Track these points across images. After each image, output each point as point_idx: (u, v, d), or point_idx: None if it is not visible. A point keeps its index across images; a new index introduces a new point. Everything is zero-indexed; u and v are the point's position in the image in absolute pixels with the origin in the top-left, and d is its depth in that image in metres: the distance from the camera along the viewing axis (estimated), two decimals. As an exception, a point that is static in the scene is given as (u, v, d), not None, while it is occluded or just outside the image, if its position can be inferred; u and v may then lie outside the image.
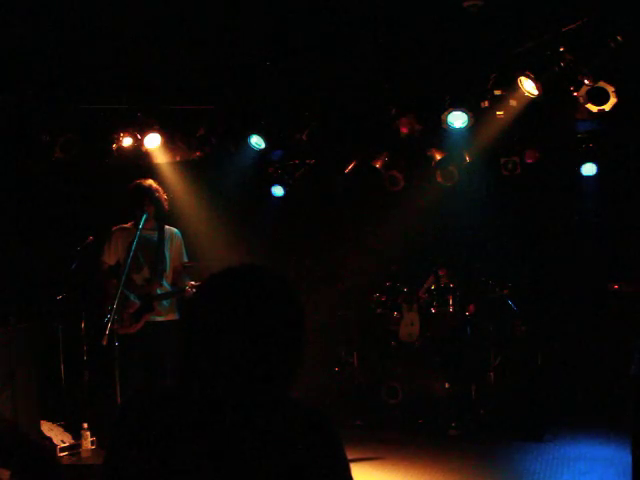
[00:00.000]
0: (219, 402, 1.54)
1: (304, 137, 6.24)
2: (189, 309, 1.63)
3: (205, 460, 1.49)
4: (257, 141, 6.31)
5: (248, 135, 6.30)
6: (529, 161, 6.76)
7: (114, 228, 5.37)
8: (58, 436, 5.69)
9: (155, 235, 5.30)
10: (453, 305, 6.42)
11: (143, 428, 1.56)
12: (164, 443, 1.53)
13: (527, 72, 4.99)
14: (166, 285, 5.29)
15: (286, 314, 1.59)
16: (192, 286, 5.16)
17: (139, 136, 6.37)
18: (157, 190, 5.29)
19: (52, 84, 5.67)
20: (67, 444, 5.64)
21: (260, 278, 1.61)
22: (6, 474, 1.97)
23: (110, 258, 5.30)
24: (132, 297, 5.15)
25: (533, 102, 5.17)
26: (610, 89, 4.76)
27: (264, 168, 7.57)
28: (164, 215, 5.37)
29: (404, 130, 6.04)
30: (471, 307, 6.60)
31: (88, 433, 5.57)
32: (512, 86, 5.19)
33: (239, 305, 1.56)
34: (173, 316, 5.30)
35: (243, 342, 1.53)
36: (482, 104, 5.56)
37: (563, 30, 4.72)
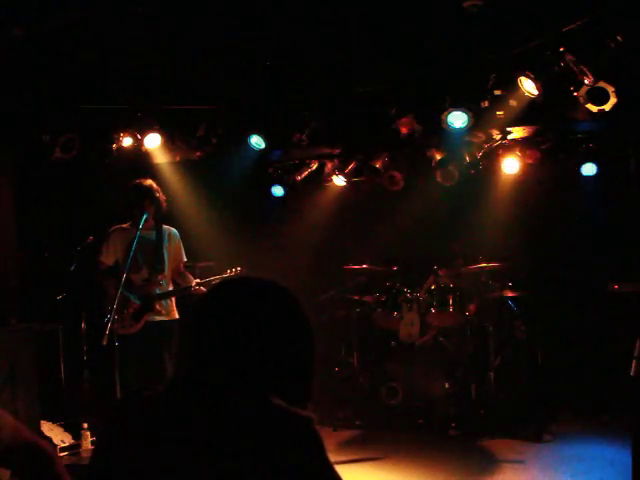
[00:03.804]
0: (207, 406, 1.56)
1: (304, 137, 6.24)
2: (193, 313, 1.67)
3: (190, 464, 1.51)
4: (257, 141, 6.31)
5: (248, 135, 6.30)
6: (529, 161, 6.77)
7: (111, 228, 5.38)
8: (58, 436, 5.69)
9: (153, 235, 5.31)
10: (453, 305, 6.41)
11: (130, 431, 1.58)
12: (150, 446, 1.55)
13: (527, 72, 4.99)
14: (165, 285, 5.30)
15: (292, 329, 1.65)
16: (198, 284, 5.18)
17: (139, 136, 6.37)
18: (157, 190, 5.31)
19: (52, 84, 5.66)
20: (67, 444, 5.65)
21: (269, 291, 1.66)
22: (6, 474, 1.97)
23: (108, 258, 5.31)
24: (132, 297, 5.15)
25: (533, 102, 5.17)
26: (610, 89, 4.76)
27: (264, 168, 7.58)
28: (162, 215, 5.39)
29: (404, 130, 6.04)
30: (471, 307, 6.60)
31: (88, 433, 5.58)
32: (512, 86, 5.19)
33: (244, 315, 1.60)
34: (173, 316, 5.31)
35: (242, 349, 1.58)
36: (482, 104, 5.56)
37: (563, 30, 4.72)
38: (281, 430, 1.52)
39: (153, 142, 6.40)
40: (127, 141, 6.41)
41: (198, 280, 5.28)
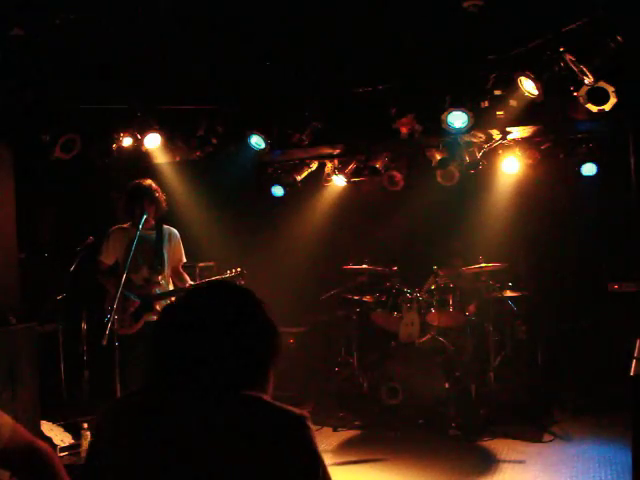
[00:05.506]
0: (194, 406, 1.57)
1: (304, 137, 6.24)
2: (166, 317, 1.70)
3: (179, 464, 1.52)
4: (257, 141, 6.31)
5: (248, 135, 6.30)
6: (529, 161, 6.77)
7: (112, 228, 5.39)
8: (58, 436, 5.68)
9: (153, 235, 5.31)
10: (453, 305, 6.41)
11: (119, 433, 1.62)
12: (140, 448, 1.57)
13: (527, 72, 4.99)
14: (165, 285, 5.30)
15: (258, 327, 1.69)
16: (192, 285, 5.20)
17: (139, 136, 6.37)
18: (157, 190, 5.32)
19: (52, 84, 5.66)
20: (67, 444, 5.64)
21: (237, 296, 1.72)
22: (6, 475, 1.97)
23: (108, 258, 5.31)
24: (132, 297, 5.16)
25: (533, 102, 5.17)
26: (610, 89, 4.76)
27: (264, 168, 7.59)
28: (162, 215, 5.40)
29: (404, 130, 6.04)
30: (471, 307, 6.60)
31: (88, 433, 5.57)
32: (512, 86, 5.19)
33: (218, 317, 1.65)
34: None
35: (217, 349, 1.61)
36: (482, 104, 5.56)
37: (563, 30, 4.72)
38: (274, 427, 1.53)
39: (153, 142, 6.40)
40: (127, 141, 6.41)
41: (192, 282, 5.32)
